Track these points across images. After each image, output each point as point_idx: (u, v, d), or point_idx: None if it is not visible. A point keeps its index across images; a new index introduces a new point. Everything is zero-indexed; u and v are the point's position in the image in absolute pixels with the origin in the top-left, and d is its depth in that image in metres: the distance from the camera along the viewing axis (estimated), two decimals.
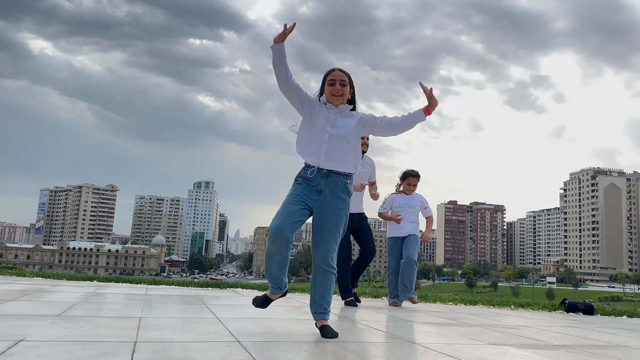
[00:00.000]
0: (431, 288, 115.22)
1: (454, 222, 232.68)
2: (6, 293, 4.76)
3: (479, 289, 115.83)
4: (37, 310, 3.66)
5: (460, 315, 4.98)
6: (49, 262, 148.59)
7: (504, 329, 4.06)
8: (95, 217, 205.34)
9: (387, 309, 5.28)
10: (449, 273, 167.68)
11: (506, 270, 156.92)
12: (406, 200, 6.00)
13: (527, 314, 5.82)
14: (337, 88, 3.13)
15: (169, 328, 3.12)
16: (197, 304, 4.69)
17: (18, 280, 6.64)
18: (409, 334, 3.44)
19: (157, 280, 7.55)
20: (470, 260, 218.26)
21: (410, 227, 5.92)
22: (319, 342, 2.88)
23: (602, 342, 3.62)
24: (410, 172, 6.11)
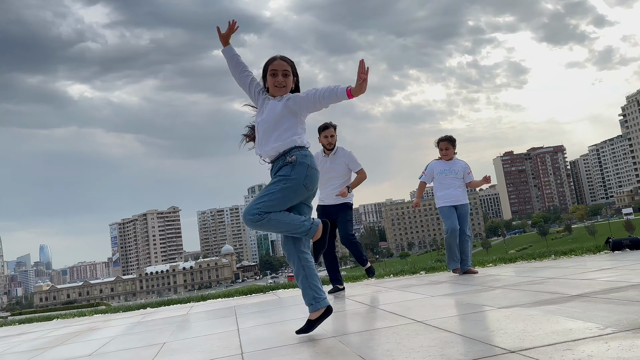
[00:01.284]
0: (502, 245, 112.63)
1: (514, 172, 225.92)
2: (57, 338, 5.08)
3: (552, 236, 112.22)
4: (72, 353, 3.89)
5: (489, 279, 4.89)
6: (131, 291, 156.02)
7: (527, 286, 3.95)
8: (165, 239, 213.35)
9: (418, 285, 5.24)
10: (519, 226, 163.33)
11: (578, 210, 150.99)
12: (447, 166, 5.96)
13: (566, 262, 5.63)
14: (280, 79, 3.04)
15: (184, 350, 3.25)
16: (229, 316, 4.83)
17: (77, 321, 7.05)
18: (417, 312, 3.41)
19: (204, 296, 7.81)
20: (539, 208, 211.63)
21: (459, 194, 5.88)
22: (320, 340, 2.92)
23: (626, 283, 3.47)
24: (441, 138, 6.07)
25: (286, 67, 3.07)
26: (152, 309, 7.20)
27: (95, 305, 16.58)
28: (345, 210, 5.40)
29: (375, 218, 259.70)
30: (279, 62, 3.08)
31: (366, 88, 2.74)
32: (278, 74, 3.05)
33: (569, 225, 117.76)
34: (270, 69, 3.07)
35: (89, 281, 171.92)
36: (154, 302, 8.08)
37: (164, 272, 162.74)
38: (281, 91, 3.06)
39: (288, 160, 2.91)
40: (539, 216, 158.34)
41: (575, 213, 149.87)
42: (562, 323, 2.48)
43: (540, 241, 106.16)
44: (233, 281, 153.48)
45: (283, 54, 3.14)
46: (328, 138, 5.33)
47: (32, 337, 5.53)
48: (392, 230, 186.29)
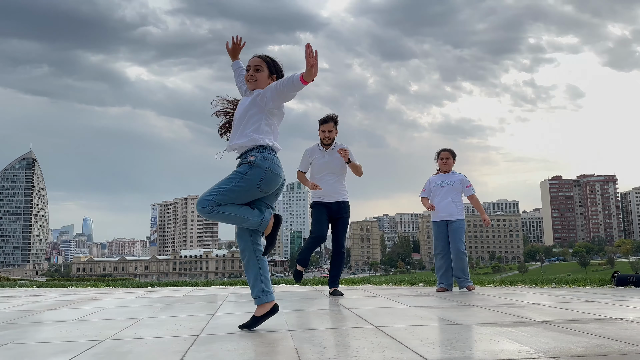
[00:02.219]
0: (539, 270, 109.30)
1: (561, 198, 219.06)
2: (57, 303, 5.37)
3: (593, 267, 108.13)
4: (60, 317, 4.13)
5: (475, 298, 4.86)
6: (164, 271, 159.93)
7: (504, 308, 3.93)
8: (202, 225, 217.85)
9: (406, 296, 5.26)
10: (560, 253, 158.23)
11: (624, 244, 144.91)
12: (443, 179, 5.93)
13: (562, 291, 5.52)
14: (250, 73, 3.13)
15: (153, 327, 3.41)
16: (216, 302, 4.99)
17: (86, 291, 7.39)
18: (380, 318, 3.46)
19: (209, 282, 8.03)
20: (583, 238, 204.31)
21: (453, 208, 5.81)
22: (274, 332, 3.03)
23: (595, 316, 3.42)
24: (442, 149, 6.07)
25: (259, 62, 3.15)
26: (158, 288, 7.46)
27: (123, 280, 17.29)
28: (347, 212, 5.32)
29: (410, 228, 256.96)
30: (253, 58, 3.18)
31: (317, 73, 2.75)
32: (250, 68, 3.15)
33: (611, 259, 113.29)
34: (246, 66, 3.20)
35: (125, 257, 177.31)
36: (162, 282, 8.37)
37: (197, 257, 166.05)
38: (252, 85, 3.14)
39: (248, 159, 2.98)
40: (582, 246, 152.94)
41: (620, 247, 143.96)
42: (500, 344, 2.50)
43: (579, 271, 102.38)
44: None
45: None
46: (325, 132, 5.20)
47: (37, 300, 5.86)
48: (426, 242, 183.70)
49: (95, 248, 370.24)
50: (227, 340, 2.81)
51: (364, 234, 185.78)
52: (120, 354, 2.52)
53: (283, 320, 3.55)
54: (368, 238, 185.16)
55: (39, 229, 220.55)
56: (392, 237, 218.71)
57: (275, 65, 3.23)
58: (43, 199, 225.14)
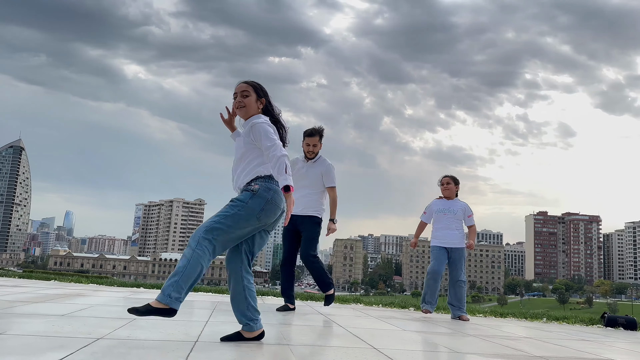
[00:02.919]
0: (519, 304, 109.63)
1: (545, 234, 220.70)
2: (43, 296, 5.26)
3: (571, 305, 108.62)
4: (49, 311, 4.04)
5: (469, 327, 4.85)
6: (143, 273, 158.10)
7: (500, 340, 3.92)
8: (185, 229, 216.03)
9: (398, 319, 5.23)
10: (539, 288, 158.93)
11: (603, 285, 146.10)
12: (446, 206, 5.89)
13: (553, 327, 5.52)
14: (238, 100, 3.11)
15: (148, 328, 3.34)
16: (207, 309, 4.92)
17: (70, 286, 7.26)
18: (379, 339, 3.43)
19: (196, 288, 7.93)
20: (563, 275, 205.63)
21: (454, 236, 5.77)
22: (273, 345, 2.98)
23: (591, 356, 3.41)
24: (444, 175, 6.07)
25: (245, 88, 3.11)
26: (145, 289, 7.35)
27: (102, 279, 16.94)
28: (312, 225, 5.01)
29: (394, 250, 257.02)
30: (239, 85, 3.15)
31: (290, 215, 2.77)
32: (237, 95, 3.12)
33: (590, 298, 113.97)
34: (234, 93, 3.15)
35: (104, 255, 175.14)
36: (149, 283, 8.24)
37: (177, 261, 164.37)
38: (242, 112, 3.11)
39: (251, 187, 2.93)
40: (562, 283, 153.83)
41: (599, 287, 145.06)
42: None
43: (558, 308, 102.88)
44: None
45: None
46: (310, 146, 5.05)
47: (22, 291, 5.73)
48: (409, 266, 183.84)
49: (75, 243, 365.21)
50: (226, 349, 2.76)
51: (348, 252, 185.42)
52: (119, 354, 2.46)
53: (279, 333, 3.50)
54: (351, 256, 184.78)
55: (20, 218, 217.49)
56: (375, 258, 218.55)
57: (262, 89, 3.19)
58: (27, 188, 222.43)
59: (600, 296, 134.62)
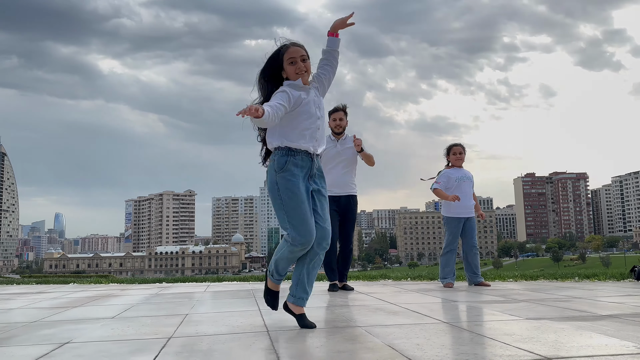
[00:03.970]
0: (514, 266, 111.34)
1: (534, 195, 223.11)
2: (77, 300, 5.17)
3: (565, 263, 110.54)
4: (96, 314, 3.96)
5: (512, 292, 4.84)
6: (139, 268, 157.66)
7: (553, 302, 3.90)
8: (178, 221, 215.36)
9: (437, 290, 5.21)
10: (533, 249, 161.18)
11: (594, 240, 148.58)
12: (462, 173, 5.83)
13: (589, 285, 5.54)
14: (300, 66, 2.92)
15: (208, 323, 3.27)
16: (248, 297, 4.86)
17: (94, 287, 7.15)
18: (443, 314, 3.40)
19: (220, 277, 7.87)
20: (555, 234, 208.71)
21: (472, 205, 5.79)
22: (344, 328, 2.93)
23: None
24: (454, 143, 6.00)
25: (303, 52, 2.95)
26: (169, 284, 7.27)
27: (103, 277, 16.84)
28: (355, 206, 5.17)
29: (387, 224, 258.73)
30: (293, 48, 2.94)
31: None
32: (297, 60, 2.91)
33: (583, 254, 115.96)
34: (288, 58, 2.92)
35: (99, 254, 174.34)
36: (170, 278, 8.16)
37: (174, 254, 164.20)
38: (306, 77, 2.96)
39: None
40: (554, 241, 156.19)
41: (591, 242, 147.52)
42: (596, 338, 2.45)
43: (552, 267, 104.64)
44: (240, 270, 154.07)
45: (314, 51, 3.03)
46: (337, 121, 5.14)
47: (51, 297, 5.63)
48: (403, 238, 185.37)
49: (68, 244, 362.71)
50: (303, 336, 2.70)
51: None
52: (204, 352, 2.39)
53: (340, 315, 3.45)
54: None
55: (9, 224, 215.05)
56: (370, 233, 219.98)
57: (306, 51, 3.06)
58: (13, 194, 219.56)
59: (592, 251, 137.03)
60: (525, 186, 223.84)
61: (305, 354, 2.30)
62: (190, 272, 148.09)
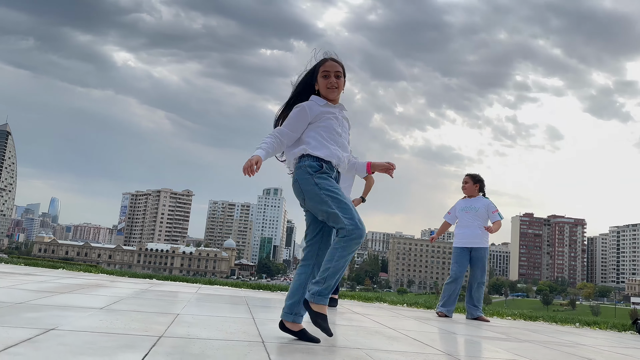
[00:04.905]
0: (503, 304, 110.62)
1: (530, 235, 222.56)
2: (65, 286, 5.01)
3: (555, 307, 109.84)
4: (84, 303, 3.81)
5: (515, 331, 4.69)
6: (128, 262, 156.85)
7: (557, 347, 3.76)
8: (172, 220, 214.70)
9: (435, 320, 5.06)
10: (524, 289, 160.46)
11: (586, 288, 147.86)
12: (469, 204, 5.79)
13: (591, 332, 5.39)
14: (332, 81, 2.92)
15: (200, 325, 3.13)
16: (241, 304, 4.71)
17: (83, 275, 7.00)
18: (444, 345, 3.26)
19: (211, 280, 7.71)
20: (547, 277, 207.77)
21: (477, 235, 5.67)
22: (343, 348, 2.79)
23: None
24: (467, 173, 5.96)
25: (338, 68, 2.95)
26: (159, 281, 7.11)
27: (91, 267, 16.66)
28: None
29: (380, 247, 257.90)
30: (330, 63, 2.95)
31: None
32: (330, 75, 2.92)
33: (573, 300, 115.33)
34: (322, 70, 2.94)
35: (89, 243, 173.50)
36: (160, 275, 8.00)
37: (164, 252, 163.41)
38: (334, 93, 2.94)
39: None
40: (546, 284, 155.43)
41: (583, 290, 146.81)
42: None
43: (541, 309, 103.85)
44: (228, 276, 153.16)
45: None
46: None
47: (39, 280, 5.48)
48: (395, 263, 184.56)
49: (60, 230, 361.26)
50: (302, 352, 2.55)
51: None
52: (196, 356, 2.25)
53: (339, 335, 3.31)
54: None
55: (4, 204, 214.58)
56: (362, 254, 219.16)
57: (344, 70, 3.02)
58: (12, 173, 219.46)
59: (583, 298, 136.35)
60: (522, 225, 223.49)
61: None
62: (178, 272, 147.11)
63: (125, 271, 8.49)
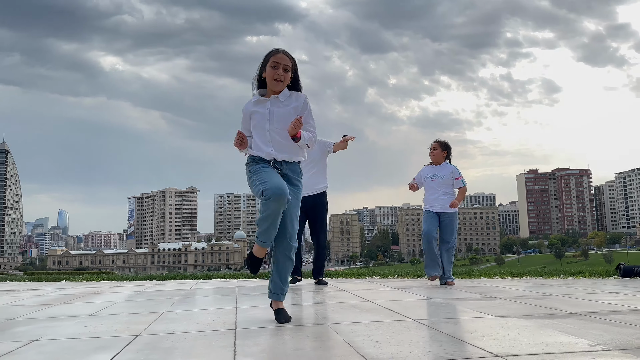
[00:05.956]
0: (516, 262, 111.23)
1: (537, 191, 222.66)
2: (62, 297, 5.21)
3: (568, 259, 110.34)
4: (74, 312, 4.00)
5: (492, 290, 4.86)
6: (142, 265, 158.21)
7: (528, 300, 3.93)
8: (180, 218, 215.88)
9: (420, 287, 5.24)
10: (535, 245, 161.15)
11: (597, 236, 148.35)
12: (434, 171, 5.86)
13: (573, 282, 5.56)
14: (280, 72, 3.00)
15: (181, 321, 3.31)
16: (230, 295, 4.89)
17: (84, 284, 7.21)
18: (414, 311, 3.42)
19: (210, 274, 7.92)
20: (558, 230, 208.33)
21: (443, 201, 5.76)
22: (311, 325, 2.96)
23: (627, 308, 3.42)
24: (433, 141, 6.00)
25: (288, 62, 3.03)
26: (158, 281, 7.31)
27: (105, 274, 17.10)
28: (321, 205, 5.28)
29: (390, 221, 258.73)
30: (281, 55, 3.03)
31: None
32: (279, 66, 3.01)
33: (585, 251, 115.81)
34: (272, 61, 3.01)
35: (102, 250, 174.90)
36: (161, 275, 8.21)
37: (176, 250, 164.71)
38: (279, 86, 3.02)
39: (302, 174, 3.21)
40: (557, 238, 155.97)
41: (594, 239, 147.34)
42: (554, 336, 2.47)
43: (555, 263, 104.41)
44: (242, 267, 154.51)
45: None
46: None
47: (38, 294, 5.68)
48: (405, 235, 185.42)
49: (71, 241, 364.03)
50: (269, 334, 2.73)
51: (344, 226, 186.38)
52: (165, 349, 2.42)
53: (314, 313, 3.48)
54: (348, 231, 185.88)
55: (13, 221, 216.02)
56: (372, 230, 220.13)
57: (296, 65, 3.12)
58: (17, 191, 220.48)
59: (595, 247, 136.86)
60: (528, 182, 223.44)
61: (262, 352, 2.33)
62: (193, 269, 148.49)
63: (127, 275, 8.71)
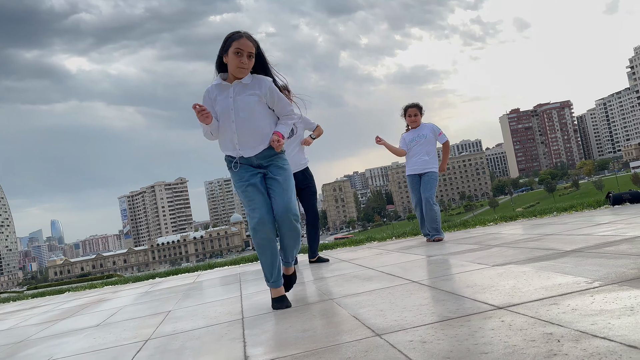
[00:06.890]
0: (509, 203, 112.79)
1: (521, 130, 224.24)
2: (67, 311, 5.22)
3: (560, 192, 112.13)
4: (81, 324, 4.00)
5: (488, 238, 4.93)
6: (144, 262, 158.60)
7: (525, 243, 3.99)
8: (174, 210, 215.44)
9: (418, 246, 5.30)
10: (526, 183, 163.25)
11: (585, 166, 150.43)
12: (415, 134, 5.88)
13: (566, 218, 5.66)
14: (244, 61, 2.85)
15: (187, 318, 3.33)
16: (234, 283, 4.93)
17: (88, 293, 7.22)
18: (414, 272, 3.47)
19: (211, 264, 7.95)
20: (546, 165, 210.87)
21: (426, 160, 5.78)
22: (316, 303, 2.99)
23: (620, 237, 3.49)
24: (408, 105, 5.97)
25: (252, 48, 2.87)
26: (161, 279, 7.35)
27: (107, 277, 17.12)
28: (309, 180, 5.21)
29: (382, 182, 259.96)
30: (245, 41, 2.85)
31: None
32: (243, 54, 2.85)
33: (576, 181, 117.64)
34: (236, 47, 2.84)
35: (101, 254, 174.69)
36: (163, 271, 8.24)
37: (175, 243, 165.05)
38: (243, 73, 2.89)
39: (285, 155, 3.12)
40: (546, 173, 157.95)
41: (582, 169, 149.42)
42: (552, 278, 2.52)
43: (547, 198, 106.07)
44: (243, 249, 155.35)
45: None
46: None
47: (43, 311, 5.68)
48: (398, 193, 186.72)
49: (69, 249, 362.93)
50: (276, 318, 2.76)
51: (337, 194, 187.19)
52: (175, 351, 2.44)
53: (317, 289, 3.52)
54: (342, 197, 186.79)
55: (7, 239, 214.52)
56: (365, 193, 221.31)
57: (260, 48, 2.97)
58: (5, 208, 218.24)
59: (585, 176, 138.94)
60: (511, 123, 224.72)
61: (271, 339, 2.35)
62: (195, 258, 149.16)
63: (130, 277, 8.73)
